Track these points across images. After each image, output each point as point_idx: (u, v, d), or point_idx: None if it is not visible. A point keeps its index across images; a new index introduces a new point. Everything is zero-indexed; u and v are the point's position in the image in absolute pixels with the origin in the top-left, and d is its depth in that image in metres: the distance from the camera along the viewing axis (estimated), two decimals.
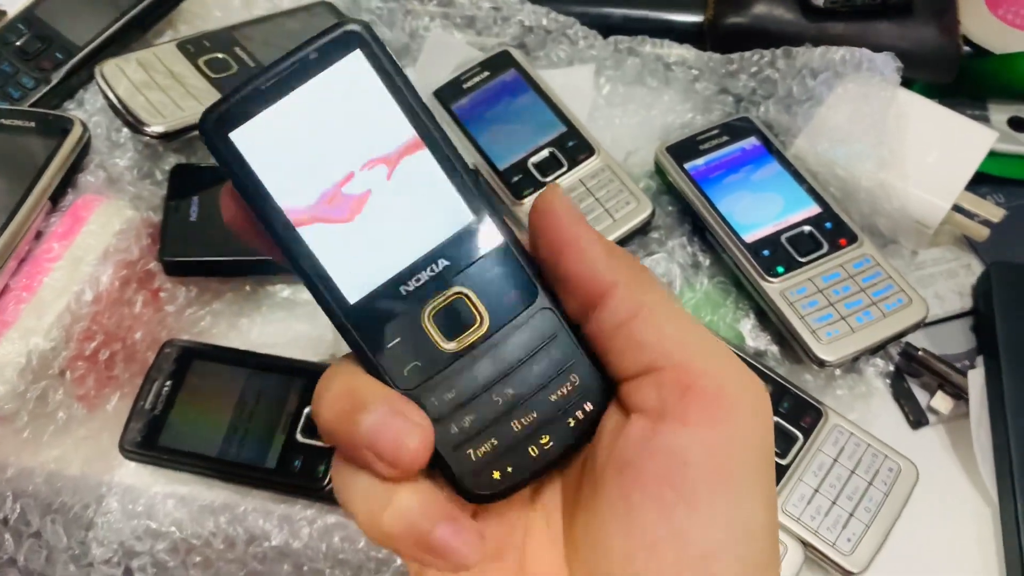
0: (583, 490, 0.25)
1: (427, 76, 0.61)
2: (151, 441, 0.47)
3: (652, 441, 0.23)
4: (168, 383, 0.49)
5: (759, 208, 0.53)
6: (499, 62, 0.60)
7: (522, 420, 0.25)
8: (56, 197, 0.53)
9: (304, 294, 0.54)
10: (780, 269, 0.50)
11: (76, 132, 0.54)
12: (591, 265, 0.24)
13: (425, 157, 0.25)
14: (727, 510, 0.22)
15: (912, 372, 0.51)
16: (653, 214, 0.54)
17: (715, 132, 0.56)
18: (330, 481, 0.45)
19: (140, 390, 0.49)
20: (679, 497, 0.22)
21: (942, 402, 0.49)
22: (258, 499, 0.47)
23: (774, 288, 0.50)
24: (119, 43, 0.61)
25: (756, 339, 0.52)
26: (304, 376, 0.49)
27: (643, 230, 0.54)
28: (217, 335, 0.53)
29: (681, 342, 0.23)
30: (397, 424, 0.23)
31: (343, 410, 0.24)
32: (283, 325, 0.54)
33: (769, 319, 0.51)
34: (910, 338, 0.50)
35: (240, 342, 0.52)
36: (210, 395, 0.49)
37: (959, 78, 0.60)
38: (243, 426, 0.48)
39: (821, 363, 0.47)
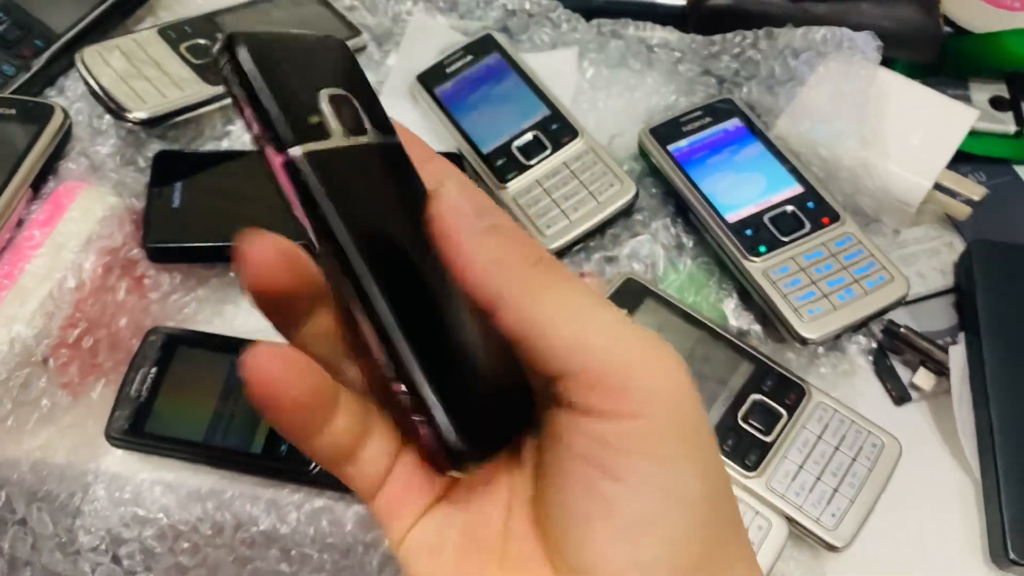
0: (546, 449, 0.26)
1: (410, 60, 0.61)
2: (137, 428, 0.47)
3: (576, 426, 0.24)
4: (153, 370, 0.49)
5: (742, 188, 0.53)
6: (482, 46, 0.60)
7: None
8: (37, 185, 0.52)
9: None
10: (762, 248, 0.50)
11: (57, 119, 0.54)
12: (471, 282, 0.24)
13: None
14: (655, 480, 0.23)
15: (894, 349, 0.51)
16: (637, 196, 0.54)
17: (698, 114, 0.56)
18: (316, 465, 0.45)
19: (125, 377, 0.48)
20: (603, 473, 0.23)
21: (924, 379, 0.50)
22: (245, 484, 0.47)
23: (756, 267, 0.50)
24: (100, 30, 0.61)
25: (739, 318, 0.52)
26: None
27: (627, 212, 0.54)
28: (202, 321, 0.53)
29: (581, 346, 0.23)
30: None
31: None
32: None
33: (752, 298, 0.51)
34: (892, 315, 0.51)
35: (225, 328, 0.52)
36: (195, 382, 0.49)
37: (941, 57, 0.60)
38: (229, 412, 0.47)
39: (804, 341, 0.48)
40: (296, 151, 0.24)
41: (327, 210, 0.24)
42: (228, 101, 0.57)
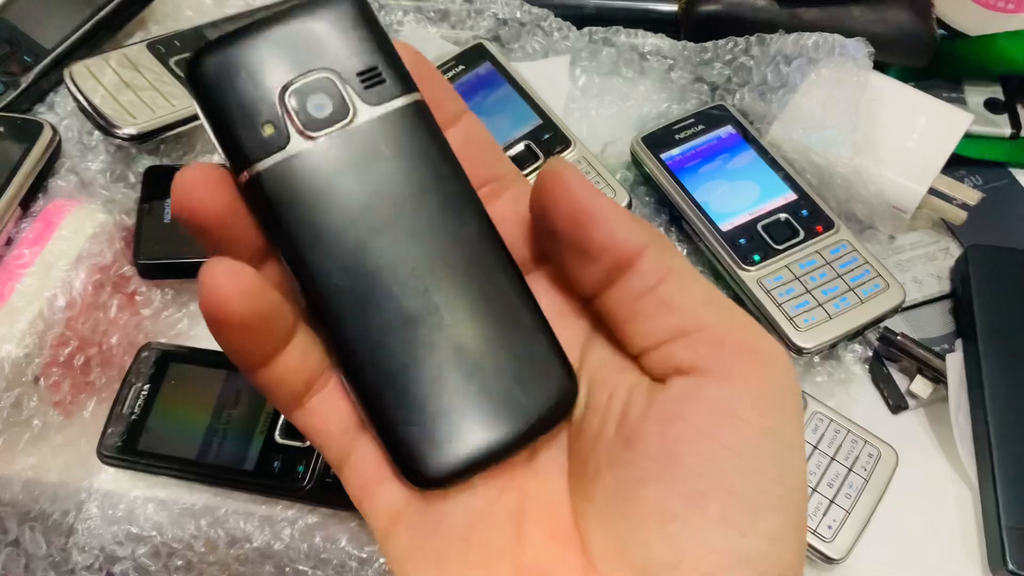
0: (604, 451, 0.23)
1: None
2: (130, 446, 0.47)
3: (696, 396, 0.22)
4: (146, 387, 0.49)
5: (735, 196, 0.52)
6: (473, 55, 0.60)
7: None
8: (27, 202, 0.52)
9: None
10: (756, 257, 0.50)
11: (46, 136, 0.54)
12: (618, 231, 0.23)
13: None
14: (775, 464, 0.21)
15: (891, 357, 0.51)
16: (630, 205, 0.54)
17: (691, 121, 0.56)
18: (311, 481, 0.45)
19: (117, 395, 0.48)
20: (726, 448, 0.21)
21: (921, 386, 0.49)
22: (239, 501, 0.47)
23: (751, 276, 0.49)
24: (89, 45, 0.60)
25: None
26: None
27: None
28: (195, 337, 0.53)
29: (710, 304, 0.23)
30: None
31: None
32: None
33: (747, 307, 0.51)
34: (889, 323, 0.50)
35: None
36: (188, 398, 0.49)
37: (935, 61, 0.60)
38: (222, 428, 0.47)
39: (799, 350, 0.47)
40: (243, 175, 0.23)
41: (275, 230, 0.23)
42: None
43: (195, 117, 0.55)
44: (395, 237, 0.23)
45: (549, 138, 0.56)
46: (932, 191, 0.53)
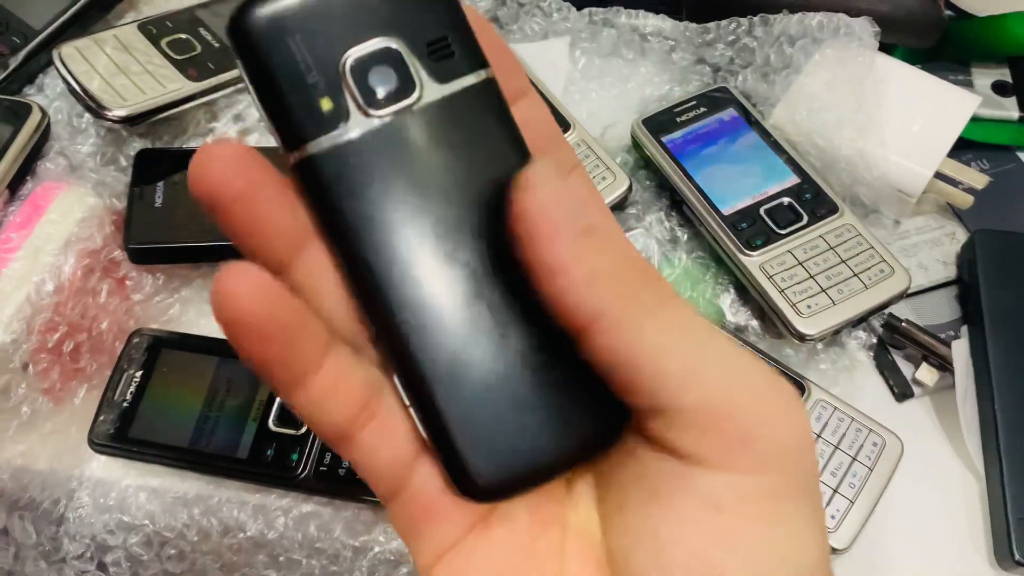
0: (628, 490, 0.22)
1: None
2: (121, 433, 0.46)
3: (681, 481, 0.20)
4: (137, 374, 0.48)
5: (737, 180, 0.51)
6: None
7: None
8: (14, 186, 0.51)
9: None
10: (759, 242, 0.49)
11: (34, 118, 0.53)
12: (564, 297, 0.19)
13: None
14: (771, 552, 0.20)
15: (896, 344, 0.50)
16: (630, 189, 0.53)
17: (692, 104, 0.55)
18: (304, 469, 0.44)
19: (108, 382, 0.48)
20: (714, 542, 0.20)
21: (927, 374, 0.48)
22: (232, 489, 0.46)
23: (753, 262, 0.48)
24: (79, 25, 0.59)
25: (736, 314, 0.51)
26: None
27: (620, 205, 0.53)
28: (187, 323, 0.52)
29: (696, 381, 0.20)
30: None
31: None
32: None
33: (749, 294, 0.50)
34: (893, 309, 0.49)
35: (211, 329, 0.51)
36: (180, 385, 0.48)
37: (941, 42, 0.59)
38: (214, 415, 0.47)
39: (802, 337, 0.46)
40: (295, 155, 0.20)
41: (329, 221, 0.21)
42: (211, 97, 0.56)
43: (187, 99, 0.54)
44: (461, 237, 0.21)
45: None
46: (938, 175, 0.52)
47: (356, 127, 0.20)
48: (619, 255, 0.20)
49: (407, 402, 0.22)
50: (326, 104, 0.20)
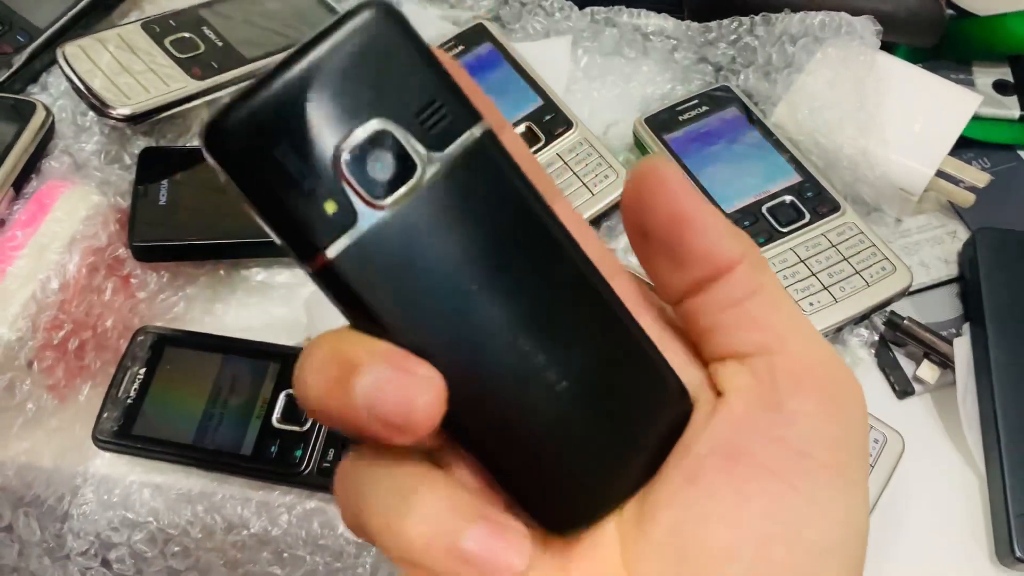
0: (662, 486, 0.22)
1: None
2: (125, 430, 0.46)
3: (769, 431, 0.21)
4: (141, 371, 0.48)
5: (739, 179, 0.52)
6: (474, 36, 0.59)
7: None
8: (19, 184, 0.51)
9: (279, 277, 0.54)
10: (761, 240, 0.49)
11: (39, 117, 0.53)
12: (715, 241, 0.21)
13: None
14: (844, 506, 0.21)
15: (897, 341, 0.50)
16: None
17: (694, 102, 0.55)
18: (308, 466, 0.44)
19: (113, 379, 0.48)
20: (797, 491, 0.21)
21: (928, 371, 0.49)
22: (235, 486, 0.46)
23: None
24: (83, 24, 0.60)
25: None
26: (280, 360, 0.48)
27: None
28: (191, 321, 0.52)
29: (796, 328, 0.22)
30: (402, 382, 0.19)
31: (332, 379, 0.19)
32: (258, 309, 0.53)
33: None
34: (895, 307, 0.50)
35: (215, 327, 0.51)
36: (184, 382, 0.48)
37: (943, 41, 0.59)
38: (218, 412, 0.47)
39: None
40: (312, 265, 0.19)
41: (363, 319, 0.20)
42: (215, 96, 0.56)
43: (191, 98, 0.55)
44: (495, 297, 0.20)
45: (550, 119, 0.55)
46: (940, 173, 0.52)
47: (367, 222, 0.19)
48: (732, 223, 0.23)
49: (476, 461, 0.22)
50: (331, 207, 0.19)
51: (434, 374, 0.19)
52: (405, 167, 0.19)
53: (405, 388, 0.19)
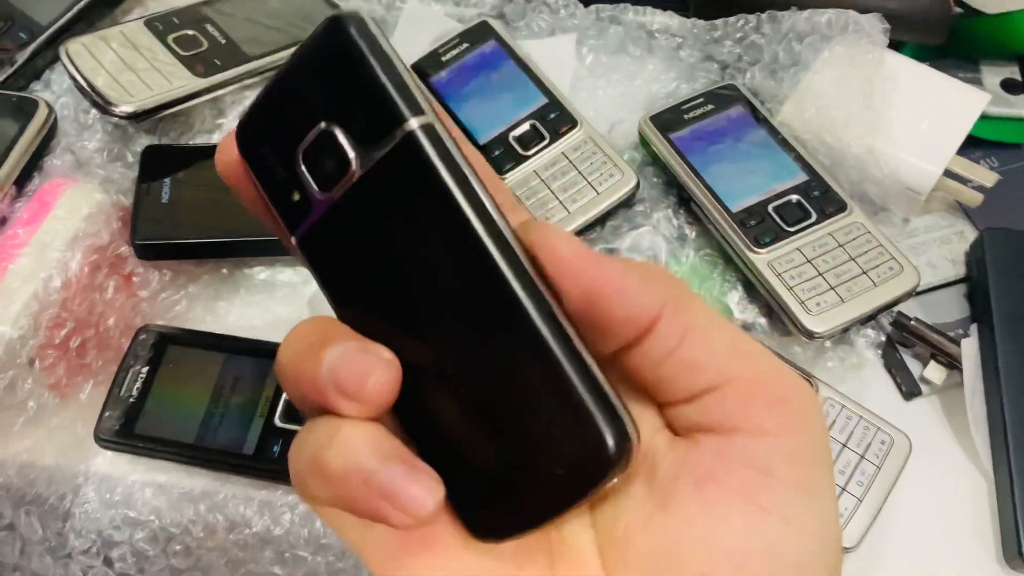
0: (634, 513, 0.23)
1: (404, 49, 0.60)
2: (127, 429, 0.46)
3: (729, 454, 0.21)
4: (144, 370, 0.48)
5: (745, 177, 0.51)
6: (478, 33, 0.59)
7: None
8: (21, 182, 0.51)
9: (282, 276, 0.53)
10: (767, 239, 0.49)
11: (41, 114, 0.53)
12: (631, 301, 0.21)
13: None
14: (815, 519, 0.21)
15: (904, 342, 0.50)
16: (638, 186, 0.52)
17: (700, 101, 0.55)
18: None
19: (115, 377, 0.48)
20: (767, 511, 0.21)
21: (935, 372, 0.48)
22: (238, 485, 0.46)
23: (761, 259, 0.48)
24: (85, 21, 0.59)
25: (744, 312, 0.50)
26: None
27: (628, 203, 0.53)
28: (194, 319, 0.52)
29: (735, 355, 0.22)
30: (363, 358, 0.21)
31: (307, 345, 0.22)
32: (261, 308, 0.53)
33: (757, 291, 0.50)
34: (902, 307, 0.49)
35: (218, 326, 0.51)
36: (187, 381, 0.48)
37: (951, 39, 0.59)
38: (221, 412, 0.47)
39: (811, 335, 0.46)
40: (292, 243, 0.23)
41: (325, 289, 0.23)
42: (218, 94, 0.56)
43: (193, 95, 0.55)
44: (421, 294, 0.22)
45: (555, 118, 0.54)
46: (947, 173, 0.52)
47: (317, 210, 0.22)
48: (642, 264, 0.23)
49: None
50: (296, 195, 0.23)
51: (393, 358, 0.21)
52: (341, 164, 0.22)
53: (365, 362, 0.21)
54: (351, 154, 0.22)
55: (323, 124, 0.22)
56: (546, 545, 0.23)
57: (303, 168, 0.22)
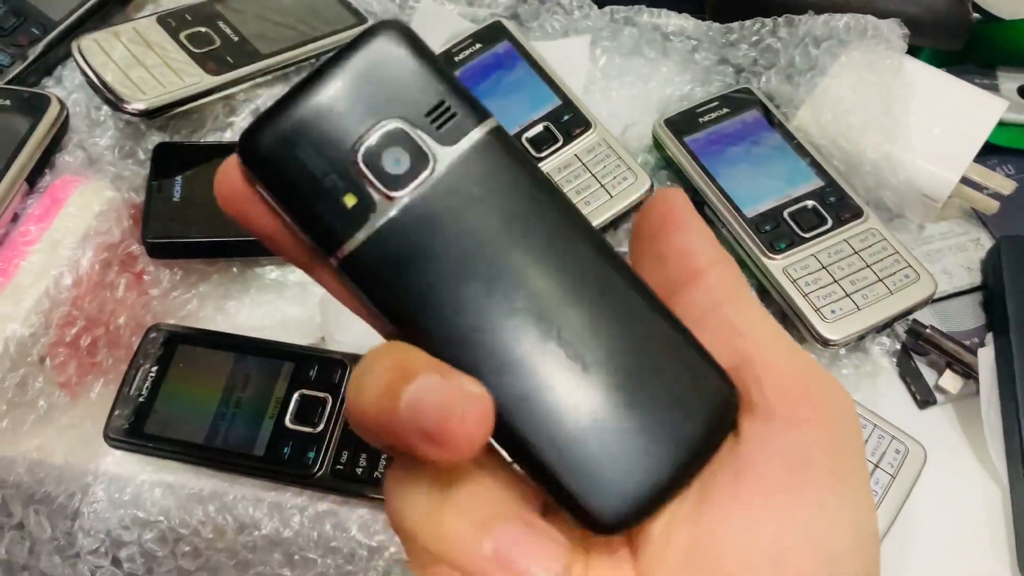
0: (675, 505, 0.22)
1: None
2: (137, 429, 0.46)
3: (768, 441, 0.21)
4: (154, 369, 0.48)
5: (761, 182, 0.51)
6: (491, 34, 0.58)
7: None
8: (33, 178, 0.51)
9: (293, 275, 0.53)
10: (782, 245, 0.48)
11: (53, 110, 0.52)
12: (696, 239, 0.23)
13: None
14: (852, 512, 0.21)
15: (919, 350, 0.49)
16: (652, 189, 0.52)
17: (715, 104, 0.55)
18: (321, 468, 0.44)
19: (125, 376, 0.47)
20: (804, 501, 0.21)
21: (951, 381, 0.48)
22: (247, 487, 0.46)
23: (776, 265, 0.48)
24: (98, 17, 0.59)
25: None
26: (293, 360, 0.47)
27: (641, 207, 0.53)
28: (204, 319, 0.52)
29: (776, 337, 0.22)
30: (445, 393, 0.19)
31: (385, 384, 0.20)
32: (272, 307, 0.52)
33: (771, 297, 0.50)
34: (918, 315, 0.49)
35: (228, 325, 0.51)
36: (197, 381, 0.48)
37: (968, 45, 0.58)
38: (231, 412, 0.46)
39: (826, 342, 0.46)
40: (336, 256, 0.21)
41: (387, 306, 0.21)
42: (230, 91, 0.56)
43: (206, 93, 0.54)
44: (516, 283, 0.21)
45: (568, 120, 0.54)
46: (964, 180, 0.51)
47: (385, 212, 0.21)
48: None
49: (510, 459, 0.22)
50: (351, 200, 0.21)
51: (482, 391, 0.19)
52: (419, 161, 0.21)
53: (448, 398, 0.19)
54: (428, 149, 0.21)
55: (389, 120, 0.21)
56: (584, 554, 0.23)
57: (364, 168, 0.21)
